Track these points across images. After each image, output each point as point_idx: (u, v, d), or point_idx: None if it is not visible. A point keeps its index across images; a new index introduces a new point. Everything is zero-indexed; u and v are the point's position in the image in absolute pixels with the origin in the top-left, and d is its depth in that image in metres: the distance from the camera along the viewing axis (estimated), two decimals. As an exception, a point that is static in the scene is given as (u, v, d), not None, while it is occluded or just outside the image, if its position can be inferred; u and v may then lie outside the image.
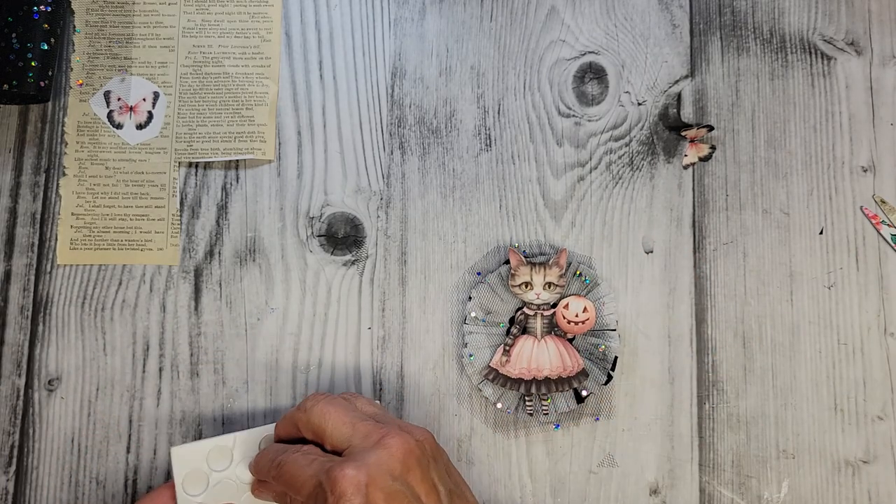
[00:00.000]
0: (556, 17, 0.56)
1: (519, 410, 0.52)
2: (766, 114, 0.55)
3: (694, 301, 0.53)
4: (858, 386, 0.52)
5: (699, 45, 0.55)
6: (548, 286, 0.51)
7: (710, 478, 0.51)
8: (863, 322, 0.53)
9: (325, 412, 0.42)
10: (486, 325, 0.52)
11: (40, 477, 0.52)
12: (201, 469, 0.46)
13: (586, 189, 0.54)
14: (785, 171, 0.54)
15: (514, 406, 0.51)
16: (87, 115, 0.54)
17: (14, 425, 0.52)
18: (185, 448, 0.47)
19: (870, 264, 0.53)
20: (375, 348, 0.53)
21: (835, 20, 0.55)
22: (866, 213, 0.53)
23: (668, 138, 0.55)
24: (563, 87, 0.55)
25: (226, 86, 0.55)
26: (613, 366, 0.52)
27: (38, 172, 0.54)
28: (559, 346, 0.51)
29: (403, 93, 0.55)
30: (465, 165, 0.54)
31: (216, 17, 0.55)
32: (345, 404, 0.43)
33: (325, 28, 0.56)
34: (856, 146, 0.54)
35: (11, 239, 0.54)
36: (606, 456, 0.52)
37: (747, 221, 0.54)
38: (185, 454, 0.46)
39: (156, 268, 0.53)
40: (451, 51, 0.55)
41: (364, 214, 0.54)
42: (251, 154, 0.54)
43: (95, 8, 0.55)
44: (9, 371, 0.52)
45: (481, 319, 0.52)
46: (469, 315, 0.52)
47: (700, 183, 0.54)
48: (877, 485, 0.51)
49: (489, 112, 0.55)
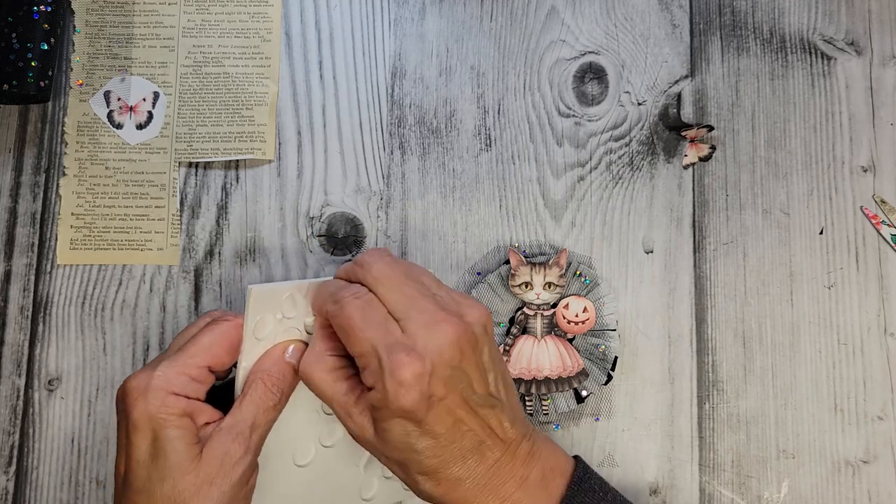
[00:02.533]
0: (556, 17, 0.56)
1: (519, 410, 0.52)
2: (766, 114, 0.55)
3: (694, 301, 0.53)
4: (858, 386, 0.52)
5: (699, 45, 0.55)
6: (548, 286, 0.51)
7: (710, 478, 0.51)
8: (863, 322, 0.53)
9: (382, 276, 0.41)
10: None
11: (40, 477, 0.51)
12: (273, 313, 0.43)
13: (586, 189, 0.54)
14: (785, 171, 0.54)
15: (514, 406, 0.51)
16: (87, 115, 0.54)
17: (14, 425, 0.52)
18: (263, 289, 0.42)
19: (870, 264, 0.53)
20: (375, 348, 0.53)
21: (835, 20, 0.55)
22: (866, 213, 0.53)
23: (668, 138, 0.55)
24: (563, 87, 0.55)
25: (226, 86, 0.55)
26: (613, 366, 0.52)
27: (38, 172, 0.54)
28: (559, 346, 0.51)
29: (403, 93, 0.55)
30: (465, 165, 0.54)
31: (216, 17, 0.55)
32: (403, 270, 0.42)
33: (325, 28, 0.56)
34: (856, 146, 0.54)
35: (11, 239, 0.54)
36: (606, 456, 0.52)
37: (747, 221, 0.54)
38: (262, 295, 0.42)
39: (156, 268, 0.53)
40: (451, 51, 0.55)
41: (364, 214, 0.54)
42: (251, 154, 0.54)
43: (95, 8, 0.55)
44: (9, 371, 0.52)
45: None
46: (469, 315, 0.52)
47: (700, 183, 0.54)
48: (877, 485, 0.51)
49: (489, 112, 0.55)
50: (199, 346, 0.42)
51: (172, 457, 0.39)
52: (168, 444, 0.39)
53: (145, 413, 0.39)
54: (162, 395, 0.40)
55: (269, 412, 0.42)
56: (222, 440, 0.40)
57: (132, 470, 0.40)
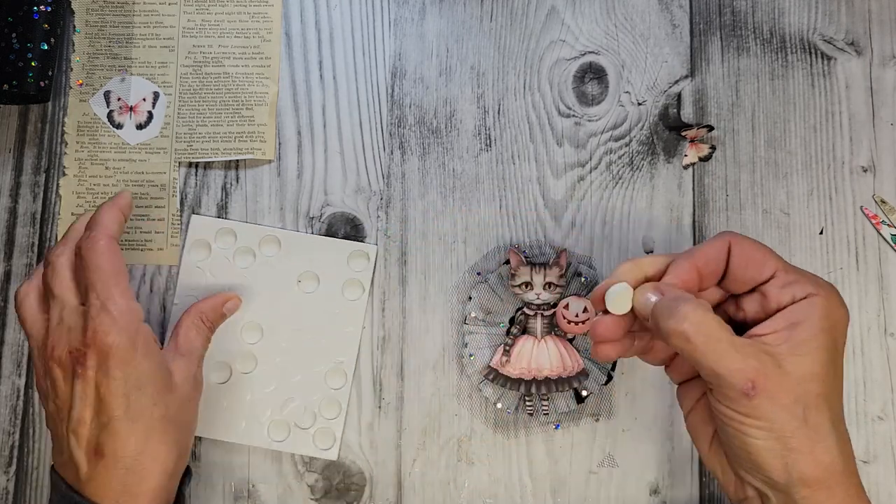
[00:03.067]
0: (556, 17, 0.56)
1: (519, 410, 0.52)
2: (766, 114, 0.55)
3: (694, 301, 0.53)
4: (858, 386, 0.52)
5: (699, 45, 0.55)
6: (548, 286, 0.51)
7: (710, 478, 0.51)
8: (863, 322, 0.53)
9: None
10: (486, 325, 0.52)
11: (40, 477, 0.52)
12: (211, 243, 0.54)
13: (586, 189, 0.54)
14: (785, 171, 0.54)
15: (514, 406, 0.51)
16: (87, 115, 0.54)
17: (14, 425, 0.52)
18: (203, 219, 0.53)
19: (870, 264, 0.53)
20: (375, 348, 0.53)
21: (835, 20, 0.55)
22: (866, 213, 0.53)
23: (668, 138, 0.55)
24: (563, 87, 0.55)
25: (226, 86, 0.55)
26: (613, 366, 0.51)
27: (38, 172, 0.54)
28: (559, 347, 0.51)
29: (403, 93, 0.55)
30: (465, 165, 0.54)
31: (216, 17, 0.55)
32: None
33: (325, 28, 0.56)
34: (856, 146, 0.54)
35: (11, 239, 0.54)
36: (606, 456, 0.52)
37: (747, 221, 0.54)
38: (201, 224, 0.53)
39: (156, 268, 0.53)
40: (451, 51, 0.55)
41: (364, 214, 0.54)
42: (251, 154, 0.54)
43: (95, 8, 0.55)
44: (9, 371, 0.52)
45: (481, 320, 0.52)
46: (469, 315, 0.52)
47: (700, 183, 0.54)
48: (877, 485, 0.51)
49: (489, 112, 0.55)
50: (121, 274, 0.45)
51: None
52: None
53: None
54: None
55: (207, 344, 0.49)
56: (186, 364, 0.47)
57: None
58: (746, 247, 0.41)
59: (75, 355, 0.42)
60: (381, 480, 0.52)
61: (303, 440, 0.51)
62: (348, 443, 0.52)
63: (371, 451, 0.52)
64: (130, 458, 0.42)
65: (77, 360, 0.42)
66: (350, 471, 0.52)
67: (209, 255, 0.53)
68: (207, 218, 0.53)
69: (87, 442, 0.42)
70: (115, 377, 0.42)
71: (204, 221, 0.53)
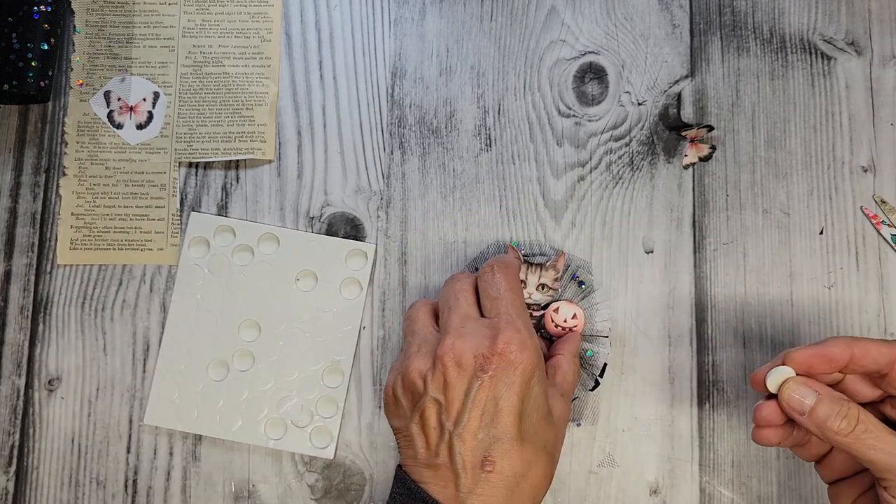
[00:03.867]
0: (556, 17, 0.56)
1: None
2: (766, 114, 0.55)
3: (694, 301, 0.53)
4: (858, 386, 0.52)
5: (699, 45, 0.55)
6: (541, 287, 0.51)
7: (710, 478, 0.51)
8: (863, 322, 0.53)
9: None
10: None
11: (40, 477, 0.52)
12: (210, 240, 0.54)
13: (586, 189, 0.54)
14: (785, 171, 0.54)
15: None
16: (87, 115, 0.54)
17: (14, 425, 0.52)
18: (203, 216, 0.54)
19: (870, 264, 0.53)
20: (375, 348, 0.53)
21: (835, 20, 0.55)
22: (866, 213, 0.53)
23: (668, 138, 0.55)
24: (563, 87, 0.55)
25: (226, 86, 0.55)
26: (602, 373, 0.51)
27: (38, 172, 0.54)
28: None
29: (403, 93, 0.55)
30: (465, 165, 0.54)
31: (216, 17, 0.55)
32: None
33: (325, 28, 0.56)
34: (856, 146, 0.54)
35: (11, 239, 0.54)
36: (606, 456, 0.52)
37: (747, 221, 0.54)
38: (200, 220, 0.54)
39: (156, 268, 0.54)
40: (451, 51, 0.55)
41: (364, 214, 0.54)
42: (251, 154, 0.54)
43: (95, 8, 0.55)
44: (9, 371, 0.52)
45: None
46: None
47: (700, 183, 0.54)
48: (877, 485, 0.51)
49: (489, 112, 0.55)
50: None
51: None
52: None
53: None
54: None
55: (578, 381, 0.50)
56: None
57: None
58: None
59: (480, 361, 0.41)
60: (381, 480, 0.52)
61: (299, 438, 0.51)
62: (348, 443, 0.52)
63: (371, 451, 0.52)
64: (516, 479, 0.41)
65: (481, 367, 0.41)
66: (350, 471, 0.52)
67: (208, 252, 0.53)
68: (207, 215, 0.53)
69: (473, 451, 0.41)
70: (516, 394, 0.41)
71: (203, 219, 0.53)
